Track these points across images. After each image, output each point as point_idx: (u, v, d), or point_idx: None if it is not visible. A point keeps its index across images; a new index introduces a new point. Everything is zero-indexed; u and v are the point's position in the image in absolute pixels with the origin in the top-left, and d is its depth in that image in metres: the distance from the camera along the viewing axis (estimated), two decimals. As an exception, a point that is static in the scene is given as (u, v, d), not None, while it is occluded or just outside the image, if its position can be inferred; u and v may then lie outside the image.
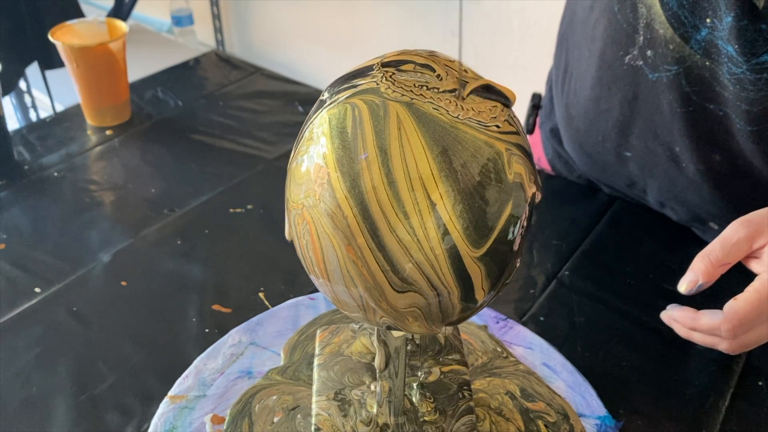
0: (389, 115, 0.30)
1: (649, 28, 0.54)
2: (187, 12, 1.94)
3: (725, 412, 0.50)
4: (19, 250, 0.63)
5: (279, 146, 0.81)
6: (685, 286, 0.48)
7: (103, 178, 0.74)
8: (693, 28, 0.51)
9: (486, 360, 0.52)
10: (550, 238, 0.66)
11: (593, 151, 0.67)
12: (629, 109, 0.60)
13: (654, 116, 0.58)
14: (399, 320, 0.34)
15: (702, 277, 0.47)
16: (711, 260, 0.47)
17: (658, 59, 0.55)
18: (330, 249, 0.32)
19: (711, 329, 0.48)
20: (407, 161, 0.30)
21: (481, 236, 0.31)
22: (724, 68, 0.51)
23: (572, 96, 0.67)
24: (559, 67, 0.70)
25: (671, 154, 0.59)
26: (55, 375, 0.51)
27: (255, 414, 0.47)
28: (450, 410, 0.43)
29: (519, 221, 0.32)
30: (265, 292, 0.59)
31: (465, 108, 0.32)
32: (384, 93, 0.31)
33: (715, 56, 0.52)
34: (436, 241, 0.30)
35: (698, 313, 0.49)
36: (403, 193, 0.30)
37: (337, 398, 0.44)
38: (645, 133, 0.60)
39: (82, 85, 0.80)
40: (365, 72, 0.33)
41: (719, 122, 0.55)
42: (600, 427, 0.48)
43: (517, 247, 0.33)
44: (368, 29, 1.72)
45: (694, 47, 0.52)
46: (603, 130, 0.64)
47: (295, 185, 0.33)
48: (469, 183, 0.30)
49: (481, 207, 0.31)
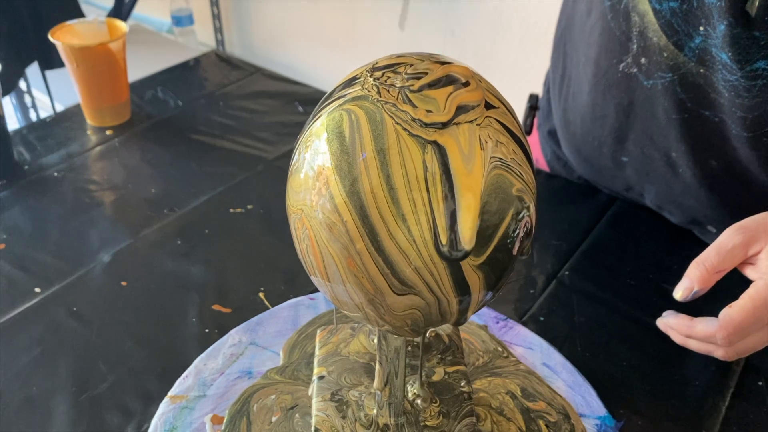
0: (386, 122, 0.30)
1: (643, 36, 0.54)
2: (187, 12, 1.94)
3: (725, 412, 0.50)
4: (19, 250, 0.63)
5: (279, 146, 0.81)
6: (681, 293, 0.48)
7: (103, 178, 0.74)
8: (686, 36, 0.51)
9: (487, 360, 0.52)
10: (550, 238, 0.66)
11: (590, 155, 0.67)
12: (625, 116, 0.60)
13: (650, 122, 0.58)
14: (398, 322, 0.34)
15: (697, 284, 0.47)
16: (706, 267, 0.47)
17: (653, 66, 0.55)
18: (330, 258, 0.32)
19: (706, 337, 0.47)
20: (407, 167, 0.30)
21: (481, 245, 0.31)
22: (719, 75, 0.51)
23: (570, 100, 0.67)
24: (557, 71, 0.70)
25: (668, 159, 0.59)
26: (55, 375, 0.51)
27: (253, 413, 0.47)
28: (453, 412, 0.43)
29: (519, 229, 0.32)
30: (265, 292, 0.59)
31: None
32: (375, 100, 0.31)
33: (709, 63, 0.51)
34: (435, 249, 0.30)
35: (693, 321, 0.48)
36: (402, 200, 0.30)
37: (334, 399, 0.44)
38: (641, 138, 0.60)
39: (82, 85, 0.80)
40: (353, 81, 0.33)
41: (715, 129, 0.55)
42: (600, 427, 0.48)
43: (516, 253, 0.33)
44: (368, 29, 1.71)
45: (688, 55, 0.52)
46: (599, 136, 0.64)
47: (293, 192, 0.33)
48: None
49: (482, 216, 0.31)
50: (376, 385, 0.42)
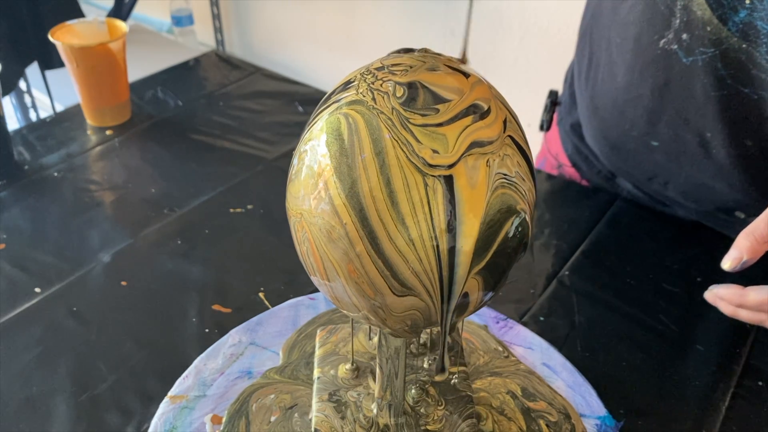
0: (381, 128, 0.30)
1: (687, 9, 0.54)
2: (187, 12, 1.94)
3: (725, 412, 0.50)
4: (19, 250, 0.63)
5: (279, 146, 0.81)
6: (729, 263, 0.47)
7: (103, 178, 0.74)
8: (731, 9, 0.51)
9: (487, 359, 0.52)
10: (550, 238, 0.66)
11: (618, 141, 0.67)
12: (660, 96, 0.60)
13: (686, 102, 0.58)
14: (398, 323, 0.34)
15: (747, 253, 0.46)
16: (756, 237, 0.46)
17: (694, 42, 0.55)
18: (330, 263, 0.32)
19: (759, 305, 0.47)
20: (406, 173, 0.30)
21: (480, 252, 0.31)
22: (762, 50, 0.51)
23: (599, 86, 0.67)
24: (582, 61, 0.70)
25: (701, 140, 0.59)
26: (55, 375, 0.51)
27: (252, 413, 0.47)
28: (456, 413, 0.43)
29: (518, 235, 0.32)
30: (265, 292, 0.59)
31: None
32: (371, 105, 0.31)
33: (753, 38, 0.51)
34: (434, 254, 0.30)
35: (745, 290, 0.48)
36: (401, 202, 0.30)
37: (332, 399, 0.44)
38: (675, 120, 0.60)
39: (82, 85, 0.80)
40: (347, 85, 0.32)
41: (754, 107, 0.54)
42: (600, 427, 0.48)
43: (515, 257, 0.33)
44: (368, 29, 1.71)
45: (732, 29, 0.52)
46: (631, 118, 0.63)
47: (292, 198, 0.33)
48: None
49: (481, 229, 0.30)
50: (377, 394, 0.42)
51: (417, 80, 0.31)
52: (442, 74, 0.32)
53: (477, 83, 0.32)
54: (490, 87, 0.33)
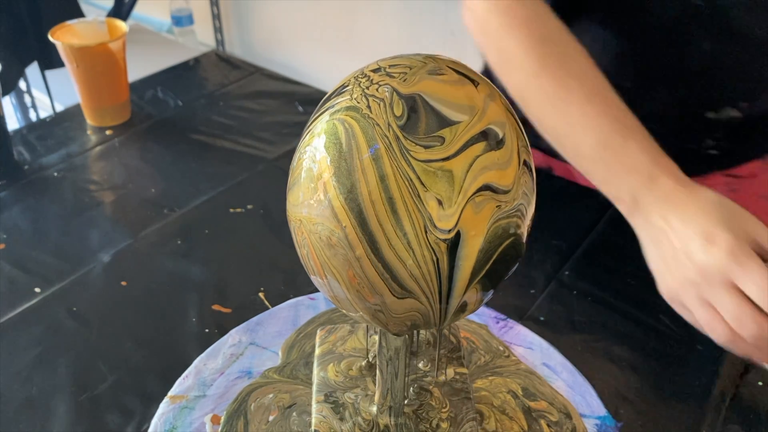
0: (377, 140, 0.30)
1: None
2: (187, 12, 1.94)
3: (725, 412, 0.50)
4: (19, 250, 0.63)
5: (279, 146, 0.81)
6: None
7: (103, 178, 0.74)
8: None
9: (488, 359, 0.52)
10: (550, 238, 0.66)
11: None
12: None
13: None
14: (398, 325, 0.34)
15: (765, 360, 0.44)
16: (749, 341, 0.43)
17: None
18: (329, 268, 0.32)
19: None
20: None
21: (482, 263, 0.31)
22: None
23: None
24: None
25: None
26: (55, 375, 0.51)
27: (251, 413, 0.47)
28: (460, 415, 0.43)
29: (516, 244, 0.32)
30: (265, 292, 0.59)
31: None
32: (365, 113, 0.30)
33: None
34: (432, 261, 0.30)
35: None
36: (400, 211, 0.29)
37: (329, 401, 0.44)
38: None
39: (82, 85, 0.80)
40: (341, 90, 0.32)
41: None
42: (600, 427, 0.48)
43: (514, 264, 0.33)
44: (368, 29, 1.71)
45: None
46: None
47: (291, 205, 0.33)
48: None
49: (479, 252, 0.31)
50: (377, 400, 0.42)
51: (418, 93, 0.30)
52: (447, 82, 0.30)
53: (489, 97, 0.30)
54: (501, 98, 0.31)
